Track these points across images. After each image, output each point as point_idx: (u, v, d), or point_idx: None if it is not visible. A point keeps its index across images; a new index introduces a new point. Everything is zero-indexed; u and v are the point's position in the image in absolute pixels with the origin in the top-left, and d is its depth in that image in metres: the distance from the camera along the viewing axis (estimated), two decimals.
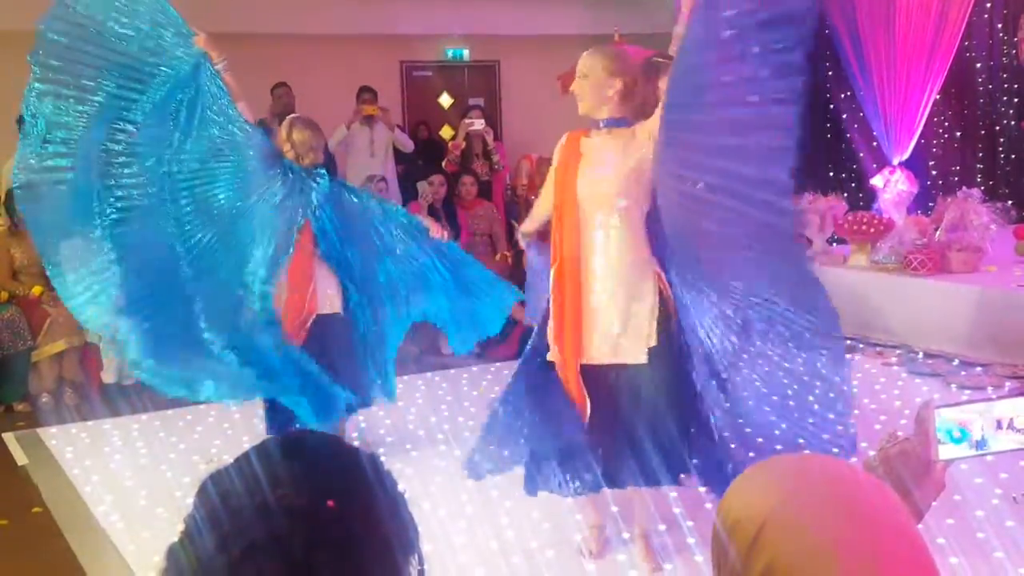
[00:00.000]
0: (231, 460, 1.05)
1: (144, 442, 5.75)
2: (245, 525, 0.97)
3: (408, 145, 9.41)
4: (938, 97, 9.09)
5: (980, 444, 1.46)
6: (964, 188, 8.01)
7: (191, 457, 5.42)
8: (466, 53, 11.86)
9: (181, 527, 1.03)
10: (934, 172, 9.49)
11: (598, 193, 3.81)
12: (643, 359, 3.75)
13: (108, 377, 6.76)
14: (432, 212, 8.23)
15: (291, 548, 0.96)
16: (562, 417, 3.82)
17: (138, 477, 5.16)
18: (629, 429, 3.74)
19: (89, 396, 6.76)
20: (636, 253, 3.81)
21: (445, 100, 11.70)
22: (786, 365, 3.69)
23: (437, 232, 5.09)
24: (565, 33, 11.18)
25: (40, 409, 6.61)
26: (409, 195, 8.96)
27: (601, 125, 3.88)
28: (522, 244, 4.30)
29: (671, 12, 4.43)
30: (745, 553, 1.09)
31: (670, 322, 3.80)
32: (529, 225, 4.21)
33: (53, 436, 5.97)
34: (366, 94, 9.06)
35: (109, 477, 5.18)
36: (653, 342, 3.75)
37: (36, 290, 6.93)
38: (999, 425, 1.46)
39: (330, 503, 0.98)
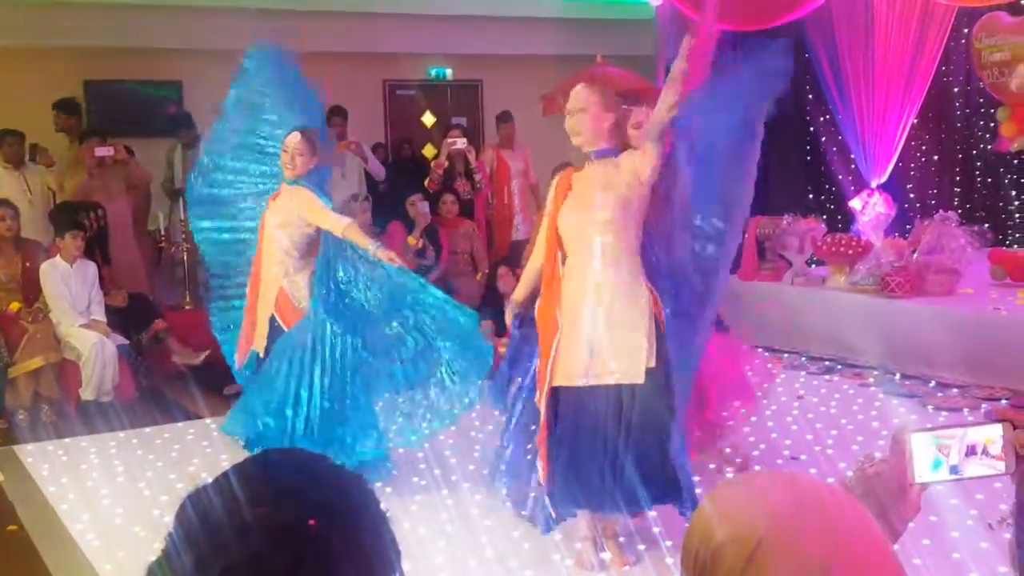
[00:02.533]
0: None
1: (121, 460, 5.71)
2: (225, 544, 0.97)
3: (380, 174, 9.36)
4: (916, 121, 9.18)
5: (955, 469, 1.47)
6: (941, 211, 8.09)
7: (169, 475, 5.39)
8: (449, 72, 11.89)
9: (160, 546, 1.03)
10: (912, 195, 9.58)
11: (584, 221, 3.92)
12: (640, 379, 3.83)
13: (87, 394, 6.71)
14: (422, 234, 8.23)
15: (272, 567, 0.96)
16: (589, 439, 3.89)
17: (115, 495, 5.12)
18: (623, 450, 3.83)
19: (66, 413, 6.70)
20: (626, 278, 3.91)
21: (428, 119, 11.73)
22: None
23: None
24: (548, 53, 11.24)
25: (16, 426, 6.55)
26: (389, 214, 8.96)
27: (592, 157, 3.99)
28: (509, 317, 4.35)
29: (651, 35, 4.54)
30: (742, 568, 1.08)
31: (663, 344, 3.90)
32: (521, 291, 4.26)
33: (29, 453, 5.92)
34: (336, 117, 9.05)
35: (86, 495, 5.14)
36: (652, 363, 3.85)
37: (13, 306, 6.89)
38: (973, 451, 1.48)
39: (311, 521, 0.98)
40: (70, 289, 6.87)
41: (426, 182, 8.72)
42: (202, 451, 5.82)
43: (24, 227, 7.30)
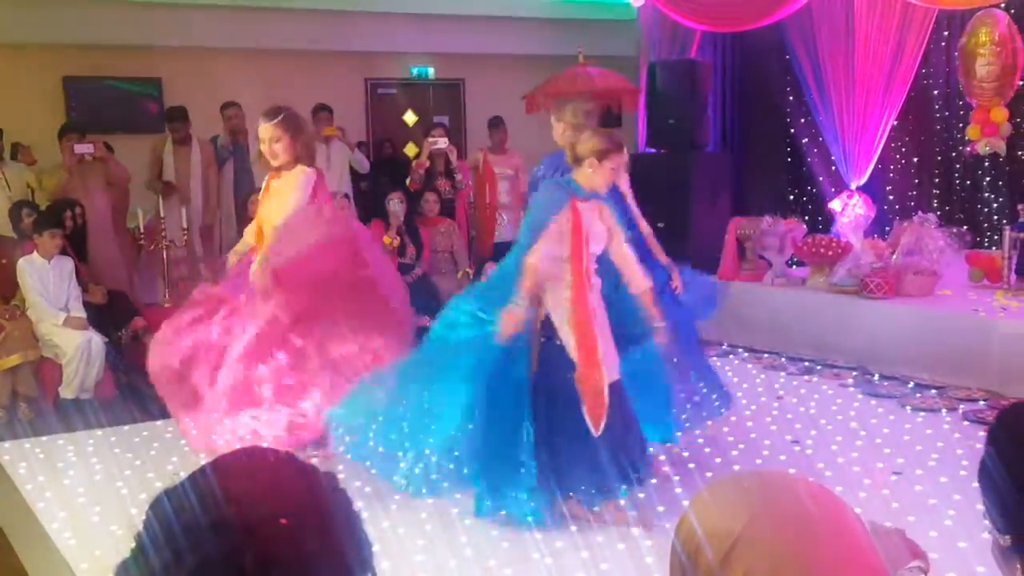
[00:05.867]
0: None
1: (99, 458, 5.67)
2: (198, 541, 0.97)
3: (364, 165, 9.38)
4: (895, 123, 9.24)
5: None
6: (920, 213, 8.14)
7: (147, 474, 5.36)
8: (431, 71, 11.89)
9: (133, 543, 1.02)
10: (891, 197, 9.64)
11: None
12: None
13: (68, 392, 6.66)
14: (399, 232, 8.23)
15: (243, 565, 0.96)
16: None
17: (92, 494, 5.09)
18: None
19: (43, 411, 6.65)
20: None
21: (410, 118, 11.72)
22: None
23: None
24: (530, 53, 11.25)
25: None
26: (371, 212, 8.95)
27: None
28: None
29: (633, 35, 4.56)
30: (719, 564, 1.11)
31: None
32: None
33: (6, 451, 5.88)
34: (322, 112, 9.06)
35: (63, 493, 5.11)
36: None
37: None
38: None
39: (283, 520, 0.98)
40: (47, 286, 6.82)
41: (407, 181, 8.72)
42: (180, 449, 5.78)
43: (2, 224, 7.25)
